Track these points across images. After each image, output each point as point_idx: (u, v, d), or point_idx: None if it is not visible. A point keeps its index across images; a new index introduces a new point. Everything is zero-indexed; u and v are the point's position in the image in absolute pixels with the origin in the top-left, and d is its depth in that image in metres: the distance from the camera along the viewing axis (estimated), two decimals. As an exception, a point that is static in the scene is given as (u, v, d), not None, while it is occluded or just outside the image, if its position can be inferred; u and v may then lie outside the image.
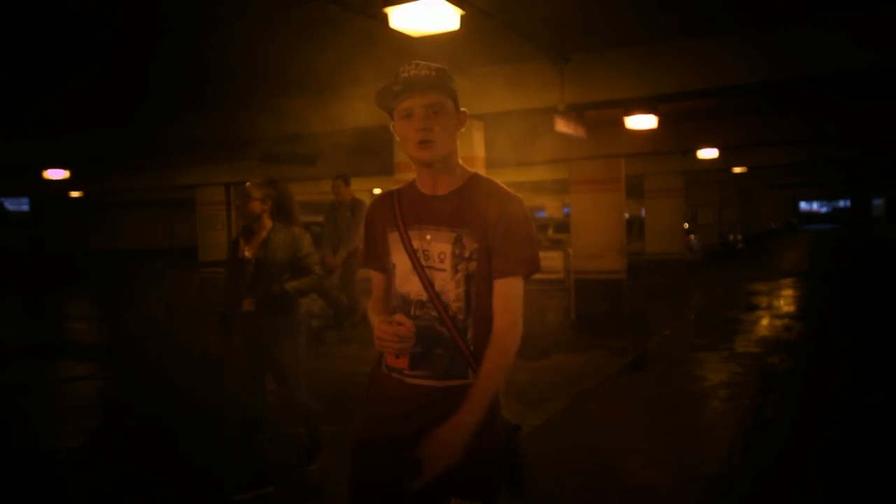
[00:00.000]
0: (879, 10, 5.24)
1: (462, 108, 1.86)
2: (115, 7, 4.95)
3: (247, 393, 4.16)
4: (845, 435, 4.94)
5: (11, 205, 24.54)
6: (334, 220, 7.50)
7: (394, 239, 1.85)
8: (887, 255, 22.39)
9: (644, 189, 16.98)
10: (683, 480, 4.16)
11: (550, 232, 19.74)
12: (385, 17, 4.48)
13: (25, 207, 24.03)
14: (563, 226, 19.21)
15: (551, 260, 10.57)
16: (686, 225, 17.82)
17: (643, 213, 18.24)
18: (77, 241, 23.48)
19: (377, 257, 1.94)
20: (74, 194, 18.66)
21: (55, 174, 12.28)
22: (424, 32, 4.73)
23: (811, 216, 60.59)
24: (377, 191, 20.87)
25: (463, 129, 1.86)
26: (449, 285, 1.78)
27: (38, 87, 7.38)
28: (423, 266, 1.80)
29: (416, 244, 1.81)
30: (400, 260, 1.84)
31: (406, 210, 1.85)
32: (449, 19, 4.50)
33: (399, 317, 1.76)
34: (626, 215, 13.17)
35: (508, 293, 1.77)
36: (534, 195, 31.93)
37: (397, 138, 1.84)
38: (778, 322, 9.80)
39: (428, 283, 1.79)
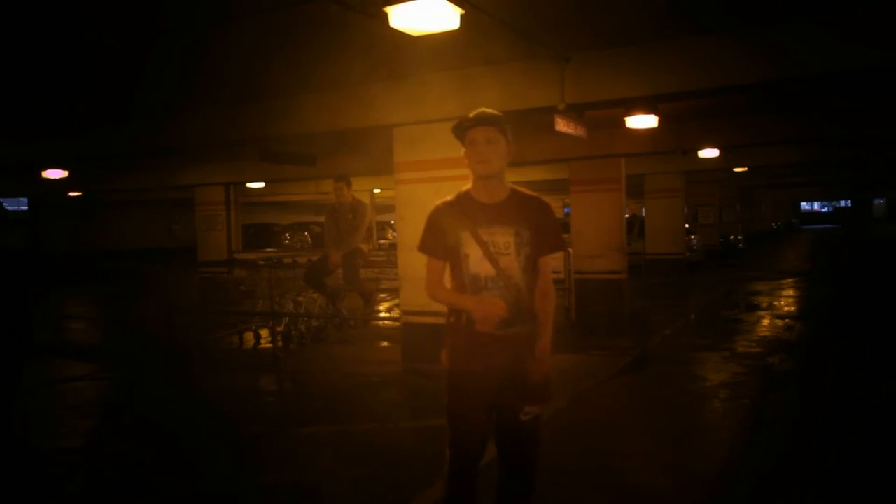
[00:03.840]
0: (879, 10, 5.23)
1: (512, 144, 2.63)
2: (116, 6, 4.94)
3: None
4: (845, 435, 4.94)
5: (10, 205, 24.51)
6: (336, 221, 7.50)
7: (466, 237, 2.59)
8: (888, 255, 22.38)
9: (644, 189, 16.96)
10: (683, 480, 4.15)
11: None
12: (385, 16, 4.48)
13: (24, 207, 24.00)
14: (563, 226, 19.18)
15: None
16: (686, 225, 17.80)
17: (643, 212, 18.23)
18: (75, 241, 23.47)
19: (443, 249, 2.66)
20: (73, 194, 18.65)
21: (54, 174, 12.27)
22: (424, 32, 4.72)
23: (812, 216, 60.47)
24: (377, 191, 20.87)
25: (510, 158, 2.64)
26: (514, 264, 2.59)
27: (38, 87, 7.37)
28: (493, 253, 2.56)
29: (485, 238, 2.57)
30: (473, 251, 2.59)
31: (471, 215, 2.60)
32: (449, 19, 4.50)
33: (494, 299, 2.55)
34: (627, 215, 13.15)
35: (547, 265, 2.70)
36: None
37: (466, 162, 2.63)
38: (778, 322, 9.80)
39: (496, 264, 2.56)
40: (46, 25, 5.28)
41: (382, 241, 22.44)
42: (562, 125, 7.43)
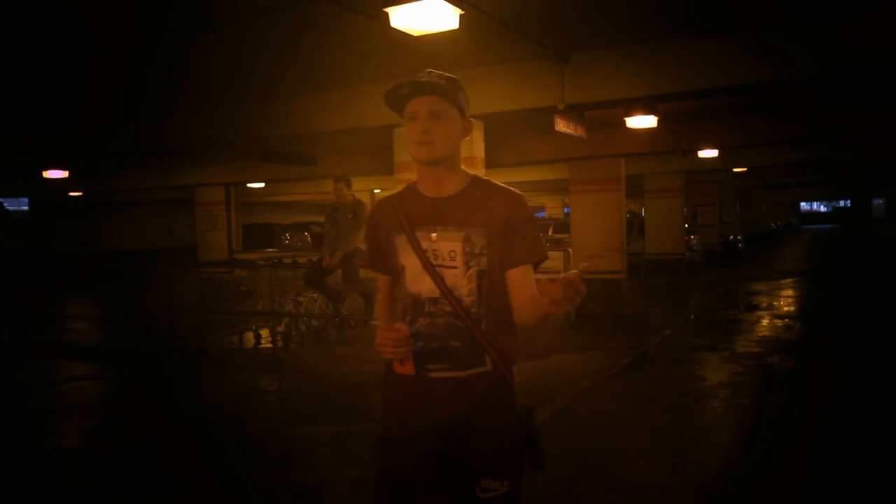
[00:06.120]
0: (879, 10, 5.24)
1: (468, 118, 1.96)
2: (117, 6, 4.95)
3: None
4: (845, 435, 4.94)
5: (10, 205, 24.52)
6: (335, 221, 7.50)
7: (401, 242, 1.93)
8: (887, 255, 22.39)
9: (644, 189, 16.98)
10: (683, 480, 4.16)
11: (550, 232, 19.74)
12: (385, 16, 4.48)
13: (24, 207, 24.01)
14: (563, 226, 19.22)
15: (551, 260, 10.48)
16: (686, 225, 17.81)
17: (643, 212, 18.24)
18: (75, 241, 23.48)
19: (382, 260, 2.02)
20: (73, 194, 18.66)
21: (54, 174, 12.28)
22: (424, 32, 4.73)
23: (811, 216, 60.53)
24: (378, 191, 20.86)
25: (468, 137, 1.96)
26: (461, 281, 1.88)
27: (38, 87, 7.37)
28: (434, 265, 1.89)
29: (424, 245, 1.90)
30: (409, 261, 1.92)
31: (410, 213, 1.93)
32: (449, 19, 4.51)
33: (398, 325, 1.84)
34: (626, 215, 13.16)
35: (525, 278, 1.89)
36: (534, 195, 31.96)
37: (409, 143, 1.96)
38: (778, 322, 9.80)
39: (439, 280, 1.88)
40: (47, 25, 5.29)
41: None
42: (562, 125, 7.44)
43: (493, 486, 1.88)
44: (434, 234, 1.90)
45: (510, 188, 1.97)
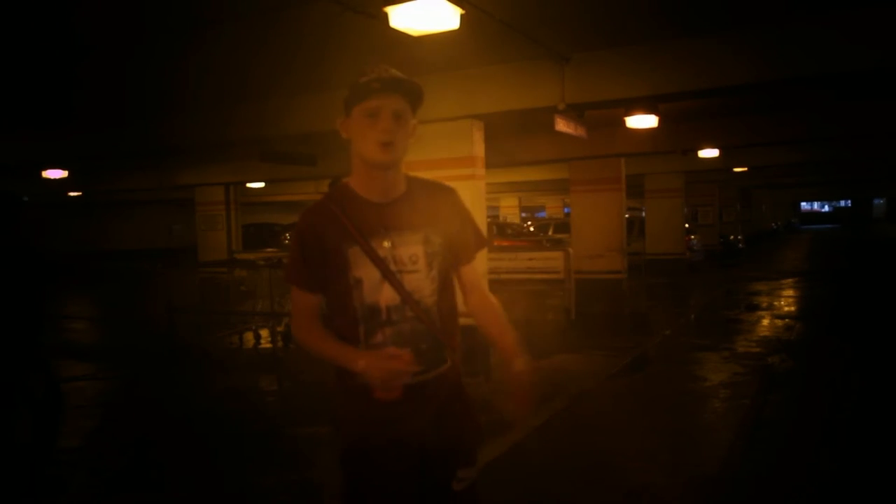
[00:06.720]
0: (879, 10, 5.24)
1: (414, 120, 1.88)
2: (117, 6, 4.94)
3: None
4: (845, 435, 4.94)
5: (10, 205, 24.50)
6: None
7: (355, 254, 1.82)
8: (888, 255, 22.38)
9: (644, 189, 16.99)
10: (683, 480, 4.16)
11: (550, 232, 19.74)
12: (385, 16, 4.48)
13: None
14: (563, 226, 19.22)
15: (551, 260, 10.57)
16: (686, 225, 17.81)
17: (643, 212, 18.25)
18: (75, 241, 23.49)
19: (318, 276, 1.88)
20: (73, 194, 18.66)
21: (54, 174, 12.27)
22: (424, 32, 4.73)
23: (812, 216, 60.51)
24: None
25: (411, 140, 1.89)
26: (424, 283, 1.86)
27: (38, 87, 7.37)
28: (394, 272, 1.83)
29: (382, 252, 1.83)
30: (367, 272, 1.82)
31: (357, 221, 1.83)
32: (449, 19, 4.51)
33: (392, 350, 1.78)
34: (626, 215, 13.16)
35: (477, 272, 2.03)
36: (534, 195, 31.96)
37: (344, 135, 1.88)
38: (778, 322, 9.79)
39: (400, 287, 1.83)
40: (47, 25, 5.29)
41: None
42: (562, 125, 7.44)
43: (467, 475, 1.95)
44: (388, 241, 1.83)
45: (444, 183, 2.01)
